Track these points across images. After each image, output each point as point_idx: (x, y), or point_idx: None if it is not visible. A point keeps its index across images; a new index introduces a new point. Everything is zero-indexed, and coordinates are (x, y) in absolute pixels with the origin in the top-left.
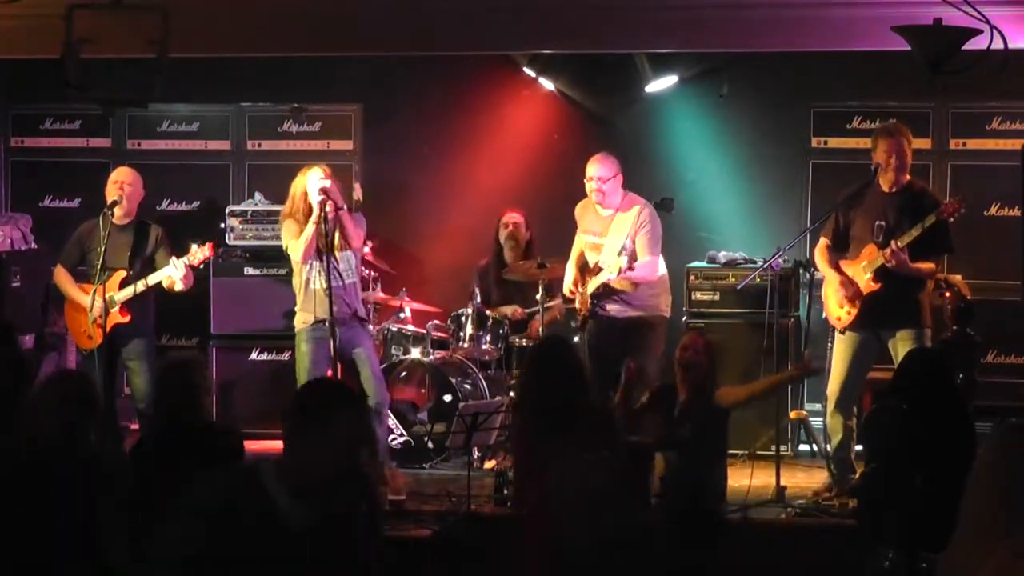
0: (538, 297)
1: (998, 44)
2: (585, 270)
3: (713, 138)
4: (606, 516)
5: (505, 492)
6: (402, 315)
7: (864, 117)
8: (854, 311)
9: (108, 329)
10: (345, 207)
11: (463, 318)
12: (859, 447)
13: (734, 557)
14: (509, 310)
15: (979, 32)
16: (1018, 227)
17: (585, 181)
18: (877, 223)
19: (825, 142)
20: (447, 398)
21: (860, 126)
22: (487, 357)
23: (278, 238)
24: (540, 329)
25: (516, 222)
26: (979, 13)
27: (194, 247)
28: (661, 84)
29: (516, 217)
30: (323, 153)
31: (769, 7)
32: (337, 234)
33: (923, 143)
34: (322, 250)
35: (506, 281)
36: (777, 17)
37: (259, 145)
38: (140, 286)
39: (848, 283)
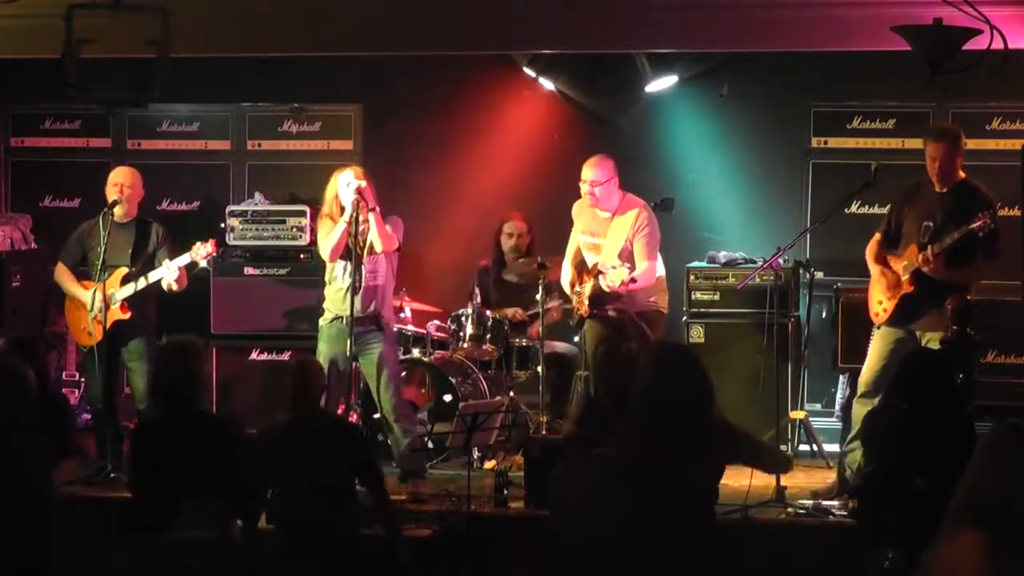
0: (538, 297)
1: (998, 44)
2: (582, 269)
3: (713, 138)
4: (605, 513)
5: (505, 492)
6: (402, 315)
7: (864, 117)
8: (890, 307)
9: (109, 326)
10: (378, 208)
11: (463, 318)
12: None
13: (735, 557)
14: (510, 312)
15: (979, 32)
16: (1018, 227)
17: (580, 183)
18: (925, 223)
19: (825, 142)
20: (447, 398)
21: (860, 126)
22: (487, 357)
23: (278, 238)
24: (540, 330)
25: (520, 232)
26: (979, 13)
27: (197, 244)
28: (661, 84)
29: (520, 227)
30: (323, 153)
31: (769, 7)
32: (369, 235)
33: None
34: (352, 250)
35: (506, 282)
36: (777, 17)
37: (259, 145)
38: (141, 283)
39: (889, 273)
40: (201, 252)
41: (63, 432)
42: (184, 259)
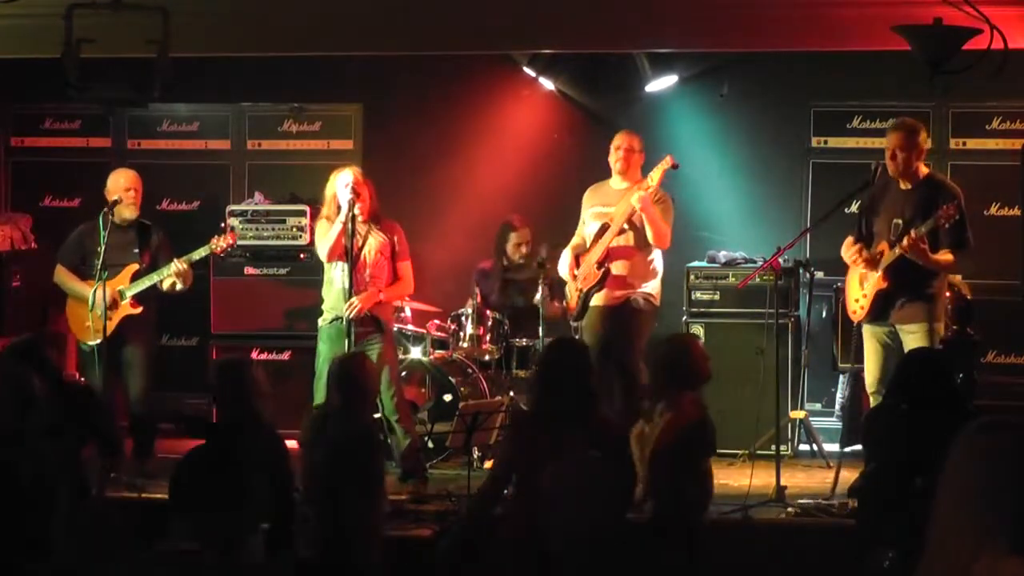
0: (538, 297)
1: (998, 44)
2: (581, 254)
3: (713, 138)
4: (595, 514)
5: (505, 492)
6: (402, 315)
7: (864, 117)
8: (867, 304)
9: (116, 323)
10: (382, 294)
11: (463, 318)
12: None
13: (735, 557)
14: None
15: (979, 32)
16: (1018, 227)
17: (613, 149)
18: (894, 221)
19: (825, 142)
20: (447, 398)
21: (860, 126)
22: (487, 357)
23: (278, 238)
24: (540, 330)
25: (528, 240)
26: (979, 13)
27: (216, 236)
28: (661, 84)
29: (527, 234)
30: (323, 153)
31: (769, 7)
32: (370, 236)
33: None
34: (349, 251)
35: (507, 283)
36: (777, 17)
37: (259, 145)
38: (155, 277)
39: (865, 258)
40: (220, 244)
41: (91, 425)
42: (203, 252)
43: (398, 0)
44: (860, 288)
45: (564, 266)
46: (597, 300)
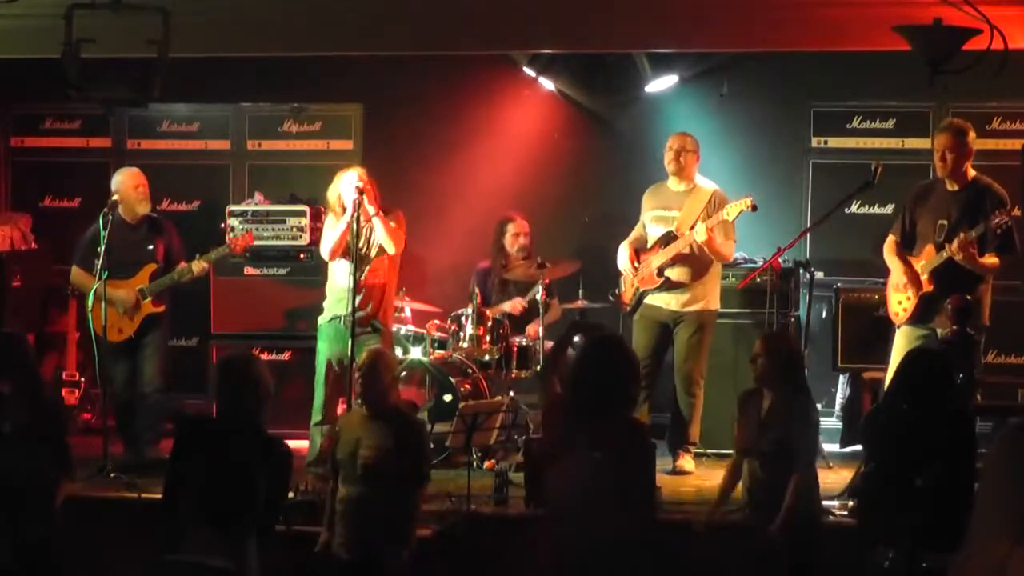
0: (538, 297)
1: (998, 44)
2: (641, 250)
3: (713, 138)
4: (605, 514)
5: (506, 492)
6: (402, 315)
7: (864, 117)
8: (910, 307)
9: (140, 320)
10: (380, 213)
11: (463, 318)
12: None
13: (735, 557)
14: (508, 305)
15: (979, 32)
16: (1018, 227)
17: (666, 150)
18: (939, 222)
19: (825, 142)
20: (447, 398)
21: (860, 126)
22: (487, 357)
23: (278, 238)
24: (540, 331)
25: (526, 231)
26: (979, 13)
27: (233, 236)
28: (661, 84)
29: (525, 225)
30: (323, 153)
31: (769, 7)
32: (375, 238)
33: (923, 143)
34: (352, 249)
35: (506, 282)
36: (777, 17)
37: (259, 145)
38: (176, 277)
39: (912, 274)
40: (238, 244)
41: (58, 445)
42: (223, 251)
43: (398, 0)
44: (904, 291)
45: (623, 258)
46: (656, 300)
